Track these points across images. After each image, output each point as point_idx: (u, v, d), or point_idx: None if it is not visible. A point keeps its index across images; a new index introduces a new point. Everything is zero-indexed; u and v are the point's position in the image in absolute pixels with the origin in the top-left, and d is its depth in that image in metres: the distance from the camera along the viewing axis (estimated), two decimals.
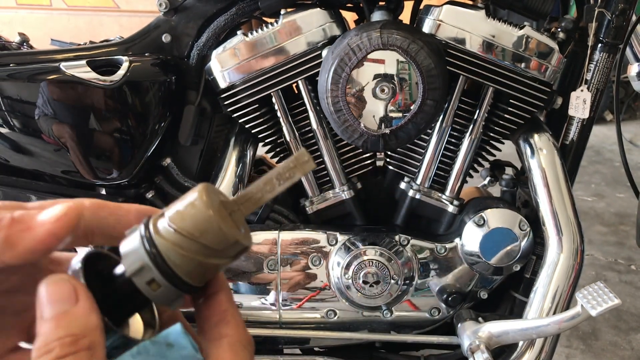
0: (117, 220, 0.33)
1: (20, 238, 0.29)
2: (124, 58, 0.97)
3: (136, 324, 0.34)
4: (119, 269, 0.31)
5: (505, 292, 1.12)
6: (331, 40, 0.96)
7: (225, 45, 0.99)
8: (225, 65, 0.98)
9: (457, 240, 1.03)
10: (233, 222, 0.31)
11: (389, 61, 0.88)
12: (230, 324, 0.32)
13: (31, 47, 1.17)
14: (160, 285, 0.30)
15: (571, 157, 1.05)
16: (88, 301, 0.29)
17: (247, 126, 1.03)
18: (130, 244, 0.30)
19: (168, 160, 1.07)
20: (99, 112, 0.97)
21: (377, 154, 1.10)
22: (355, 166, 1.08)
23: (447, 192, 1.04)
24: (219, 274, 0.33)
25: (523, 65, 0.94)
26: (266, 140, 1.06)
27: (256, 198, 0.32)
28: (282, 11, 0.98)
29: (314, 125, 1.02)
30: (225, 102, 1.01)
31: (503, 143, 1.05)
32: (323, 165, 1.05)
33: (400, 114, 0.90)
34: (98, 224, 0.32)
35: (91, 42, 1.15)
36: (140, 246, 0.30)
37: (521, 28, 0.93)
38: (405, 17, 1.05)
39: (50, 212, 0.30)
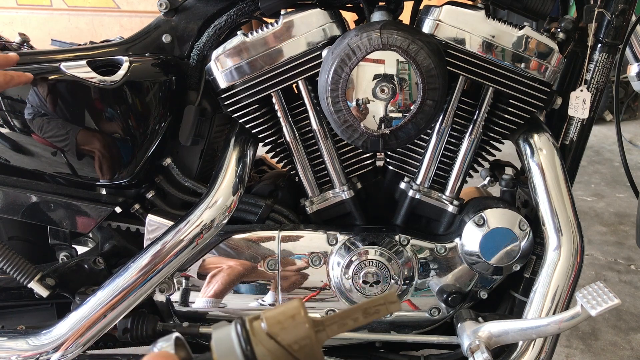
0: None
1: None
2: (125, 58, 0.97)
3: None
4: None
5: (505, 292, 1.12)
6: (331, 41, 0.96)
7: (225, 45, 0.99)
8: (226, 65, 0.99)
9: (457, 240, 1.03)
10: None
11: (389, 61, 0.88)
12: None
13: (32, 47, 1.17)
14: None
15: (571, 157, 1.05)
16: None
17: (247, 126, 1.03)
18: (225, 340, 0.32)
19: (168, 160, 1.07)
20: (99, 112, 0.97)
21: (377, 154, 1.10)
22: (355, 166, 1.08)
23: (447, 192, 1.04)
24: None
25: (523, 65, 0.94)
26: (266, 140, 1.06)
27: (341, 324, 0.34)
28: (282, 11, 0.98)
29: (314, 125, 1.02)
30: (226, 102, 1.02)
31: (503, 143, 1.05)
32: (323, 165, 1.06)
33: (400, 114, 0.90)
34: None
35: (92, 43, 1.15)
36: (237, 346, 0.32)
37: (521, 28, 0.94)
38: (405, 17, 1.05)
39: None
